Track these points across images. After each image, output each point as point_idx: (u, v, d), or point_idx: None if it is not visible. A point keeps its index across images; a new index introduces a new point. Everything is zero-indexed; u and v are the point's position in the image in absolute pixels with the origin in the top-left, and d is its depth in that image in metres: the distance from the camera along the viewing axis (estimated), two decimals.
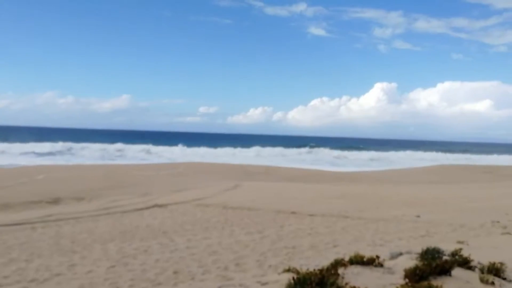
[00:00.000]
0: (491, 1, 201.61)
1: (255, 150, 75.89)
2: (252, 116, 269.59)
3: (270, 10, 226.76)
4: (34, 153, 57.17)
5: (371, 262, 5.36)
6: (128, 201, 20.21)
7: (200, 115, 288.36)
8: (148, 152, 65.50)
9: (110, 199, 21.13)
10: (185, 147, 75.39)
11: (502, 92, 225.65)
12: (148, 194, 22.77)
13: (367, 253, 5.81)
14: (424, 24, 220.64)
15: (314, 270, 4.71)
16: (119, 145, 69.61)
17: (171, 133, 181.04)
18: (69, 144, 65.24)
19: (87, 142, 70.03)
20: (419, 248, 6.32)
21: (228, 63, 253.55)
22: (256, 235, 12.44)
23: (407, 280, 4.57)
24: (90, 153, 60.01)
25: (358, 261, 5.38)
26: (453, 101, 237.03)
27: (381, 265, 5.37)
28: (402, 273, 4.74)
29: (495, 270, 5.01)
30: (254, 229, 13.30)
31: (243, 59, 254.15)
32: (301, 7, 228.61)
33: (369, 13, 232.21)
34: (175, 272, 8.51)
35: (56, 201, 20.57)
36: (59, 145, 64.49)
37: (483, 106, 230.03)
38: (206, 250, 10.51)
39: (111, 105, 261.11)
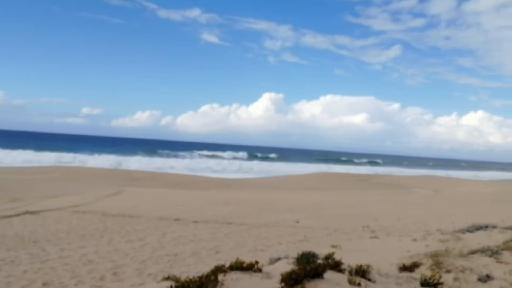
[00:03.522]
0: (370, 22, 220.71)
1: (141, 154, 73.52)
2: (139, 120, 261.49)
3: (163, 13, 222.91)
4: None
5: (251, 268, 5.43)
6: None
7: (83, 116, 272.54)
8: (23, 153, 59.83)
9: None
10: (63, 152, 69.86)
11: (376, 107, 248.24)
12: (19, 200, 20.83)
13: (248, 259, 5.88)
14: (311, 39, 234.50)
15: (194, 277, 4.65)
16: None
17: (49, 134, 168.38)
18: None
19: None
20: (296, 252, 6.58)
21: (116, 64, 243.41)
22: (136, 243, 12.03)
23: (283, 284, 4.71)
24: None
25: (238, 267, 5.41)
26: (334, 113, 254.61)
27: (260, 270, 5.47)
28: (279, 278, 4.87)
29: (362, 272, 5.38)
30: (135, 237, 12.85)
31: (132, 61, 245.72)
32: (195, 13, 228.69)
33: (261, 25, 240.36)
34: (44, 284, 7.88)
35: None
36: None
37: (359, 119, 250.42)
38: (81, 259, 9.89)
39: None
